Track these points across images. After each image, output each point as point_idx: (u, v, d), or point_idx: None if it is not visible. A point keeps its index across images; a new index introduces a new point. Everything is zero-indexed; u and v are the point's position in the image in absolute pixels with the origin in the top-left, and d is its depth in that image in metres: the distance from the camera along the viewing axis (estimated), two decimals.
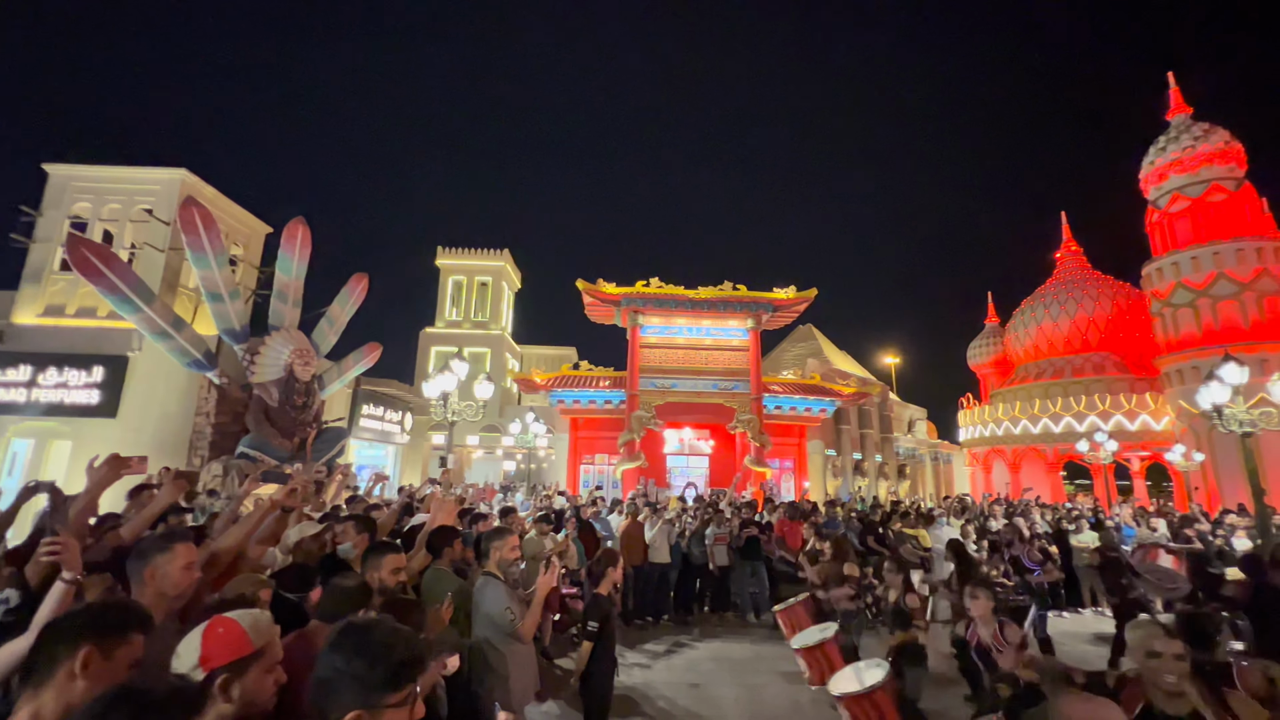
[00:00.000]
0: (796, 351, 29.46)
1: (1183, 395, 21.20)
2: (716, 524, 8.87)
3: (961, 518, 10.89)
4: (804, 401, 21.89)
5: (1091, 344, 28.11)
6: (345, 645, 1.31)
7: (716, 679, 6.44)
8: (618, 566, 3.85)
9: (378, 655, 1.28)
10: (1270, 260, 21.21)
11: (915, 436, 30.06)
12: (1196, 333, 21.68)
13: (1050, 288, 30.85)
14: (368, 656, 1.28)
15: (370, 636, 1.32)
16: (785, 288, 21.28)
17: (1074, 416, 25.00)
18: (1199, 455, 19.41)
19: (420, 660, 1.33)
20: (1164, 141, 24.14)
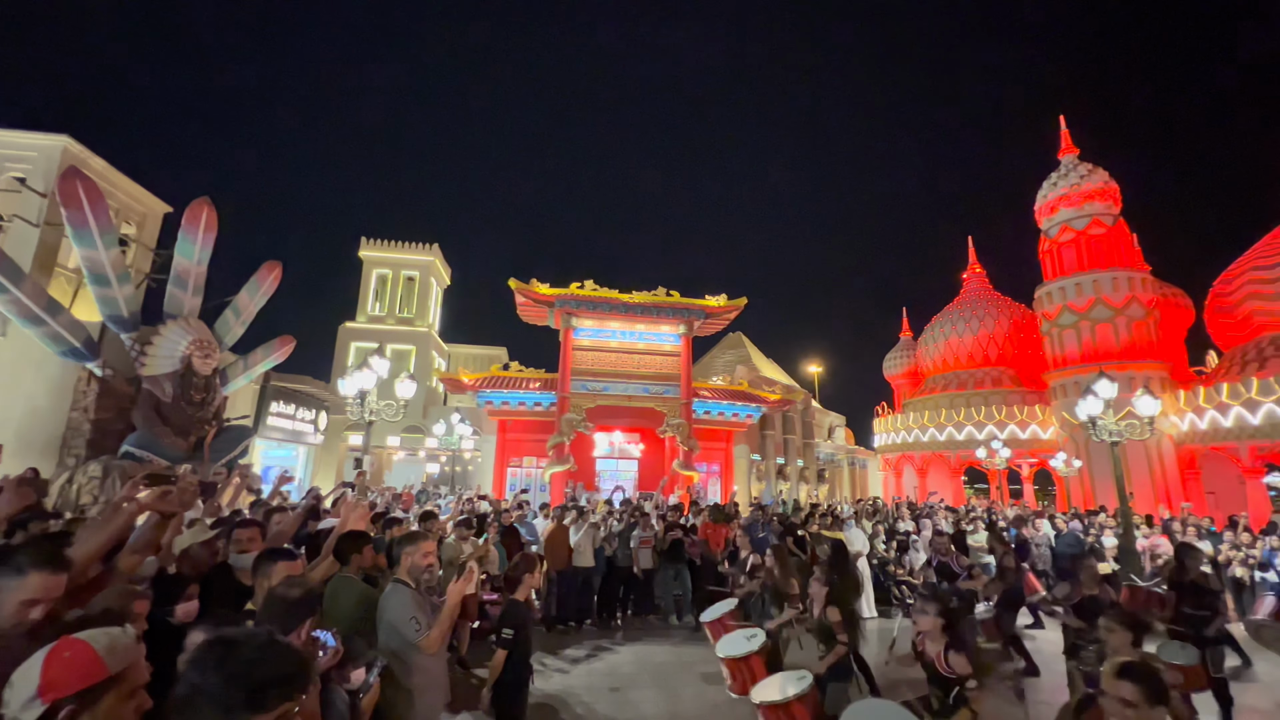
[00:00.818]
0: (726, 358, 30.21)
1: (1065, 407, 23.41)
2: (642, 527, 8.91)
3: (873, 519, 11.51)
4: (732, 407, 22.45)
5: (991, 359, 30.53)
6: (206, 661, 1.18)
7: (637, 682, 6.45)
8: (535, 572, 3.77)
9: (238, 672, 1.16)
10: (1138, 289, 23.82)
11: (835, 442, 31.51)
12: (1078, 351, 24.00)
13: (957, 306, 33.25)
14: (226, 673, 1.16)
15: (235, 651, 1.20)
16: (717, 296, 21.77)
17: (974, 426, 27.04)
18: (1077, 462, 21.46)
19: (292, 678, 1.22)
20: (1055, 178, 26.62)
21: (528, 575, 3.73)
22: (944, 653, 3.50)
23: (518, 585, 3.76)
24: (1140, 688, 2.07)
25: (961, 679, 3.39)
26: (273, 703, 1.17)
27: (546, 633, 8.21)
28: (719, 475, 23.06)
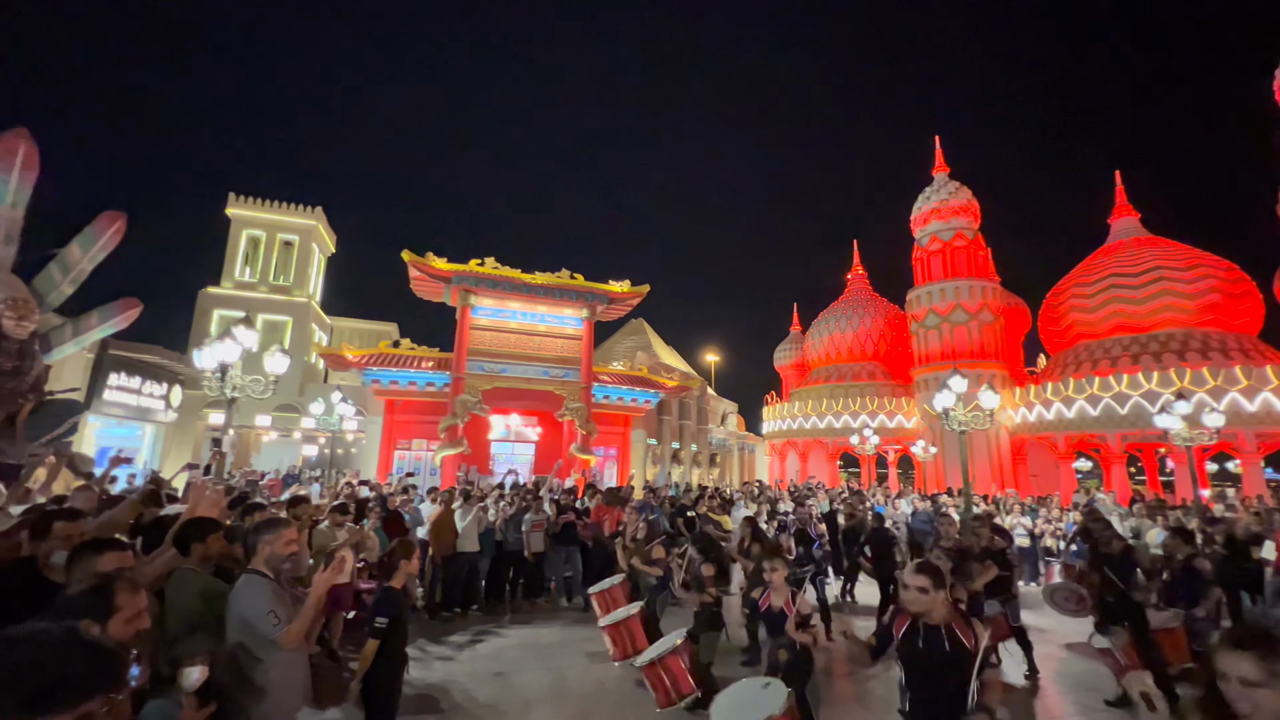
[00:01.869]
0: (628, 344, 30.54)
1: (926, 400, 26.14)
2: (534, 511, 8.82)
3: (757, 501, 12.22)
4: (631, 392, 22.76)
5: (868, 354, 33.34)
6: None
7: (522, 665, 6.42)
8: (413, 558, 3.60)
9: (10, 678, 1.01)
10: (990, 297, 27.02)
11: (727, 428, 33.00)
12: (938, 350, 26.84)
13: (841, 304, 35.88)
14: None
15: (11, 653, 1.03)
16: (621, 281, 21.86)
17: (850, 415, 29.46)
18: (933, 448, 24.10)
19: (84, 680, 1.07)
20: (929, 192, 29.39)
21: (403, 562, 3.56)
22: (792, 598, 4.07)
23: (393, 572, 3.58)
24: (929, 577, 2.78)
25: (806, 616, 3.96)
26: (55, 709, 1.02)
27: (430, 620, 7.93)
28: (616, 459, 23.35)
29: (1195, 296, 23.63)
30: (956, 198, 28.45)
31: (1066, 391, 23.20)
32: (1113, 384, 21.90)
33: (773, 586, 4.19)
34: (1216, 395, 19.27)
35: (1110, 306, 25.09)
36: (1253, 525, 8.23)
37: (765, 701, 3.46)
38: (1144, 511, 11.14)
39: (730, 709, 3.57)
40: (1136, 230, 27.48)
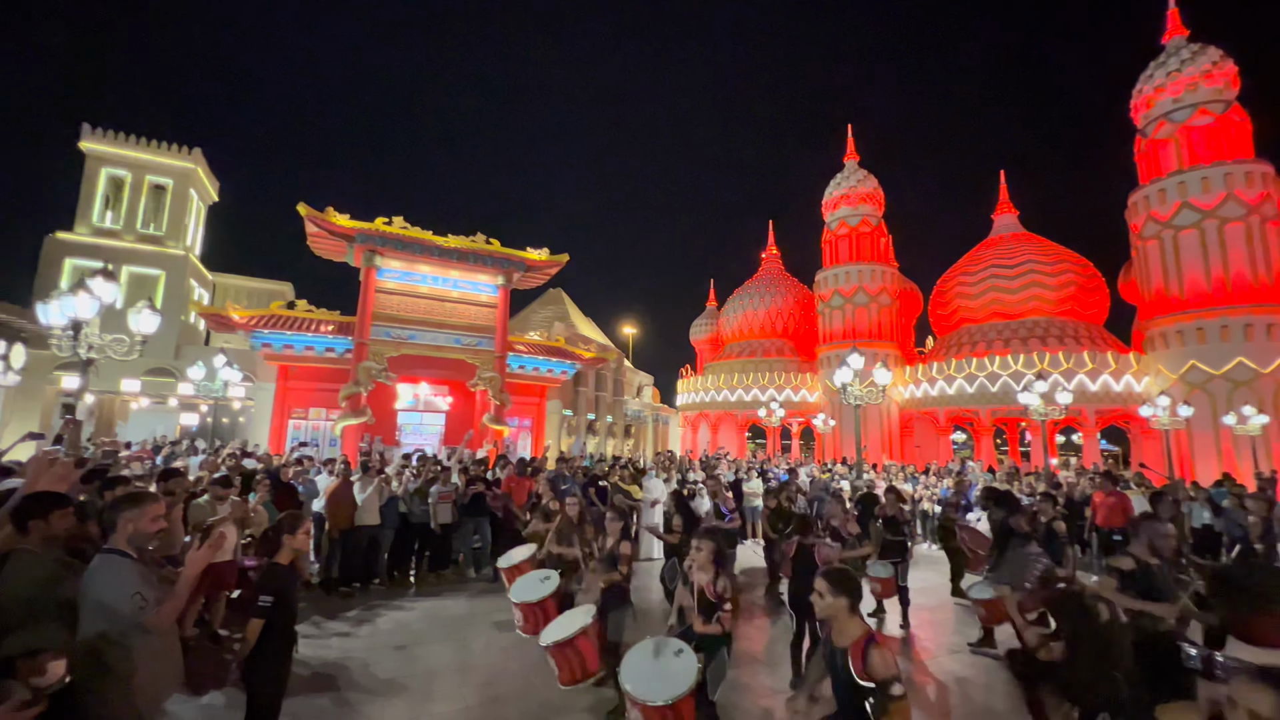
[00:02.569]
0: (545, 314, 30.03)
1: (827, 376, 27.83)
2: (441, 482, 8.57)
3: (668, 471, 12.56)
4: (547, 363, 22.49)
5: (777, 331, 34.85)
6: None
7: (426, 638, 6.29)
8: (300, 532, 3.37)
9: None
10: (889, 282, 28.98)
11: (642, 400, 33.52)
12: (841, 329, 28.56)
13: (755, 282, 37.12)
14: None
15: None
16: (539, 249, 21.34)
17: (759, 389, 30.82)
18: (832, 421, 25.76)
19: None
20: (840, 178, 30.81)
21: (288, 536, 3.33)
22: (713, 581, 3.98)
23: (278, 548, 3.35)
24: (829, 583, 2.86)
25: (723, 601, 3.91)
26: None
27: (327, 596, 7.57)
28: (531, 430, 23.12)
29: (1057, 289, 26.57)
30: (864, 185, 30.02)
31: (949, 371, 25.51)
32: (986, 365, 24.32)
33: (697, 565, 4.06)
34: (1068, 376, 21.91)
35: (989, 295, 27.69)
36: (1087, 489, 9.50)
37: (678, 673, 3.53)
38: (1004, 478, 12.56)
39: (643, 671, 3.64)
40: (1015, 227, 30.33)
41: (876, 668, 2.62)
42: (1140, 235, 22.51)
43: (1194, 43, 22.15)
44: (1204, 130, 21.26)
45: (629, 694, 3.46)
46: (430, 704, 4.78)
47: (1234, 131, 21.09)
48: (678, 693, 3.38)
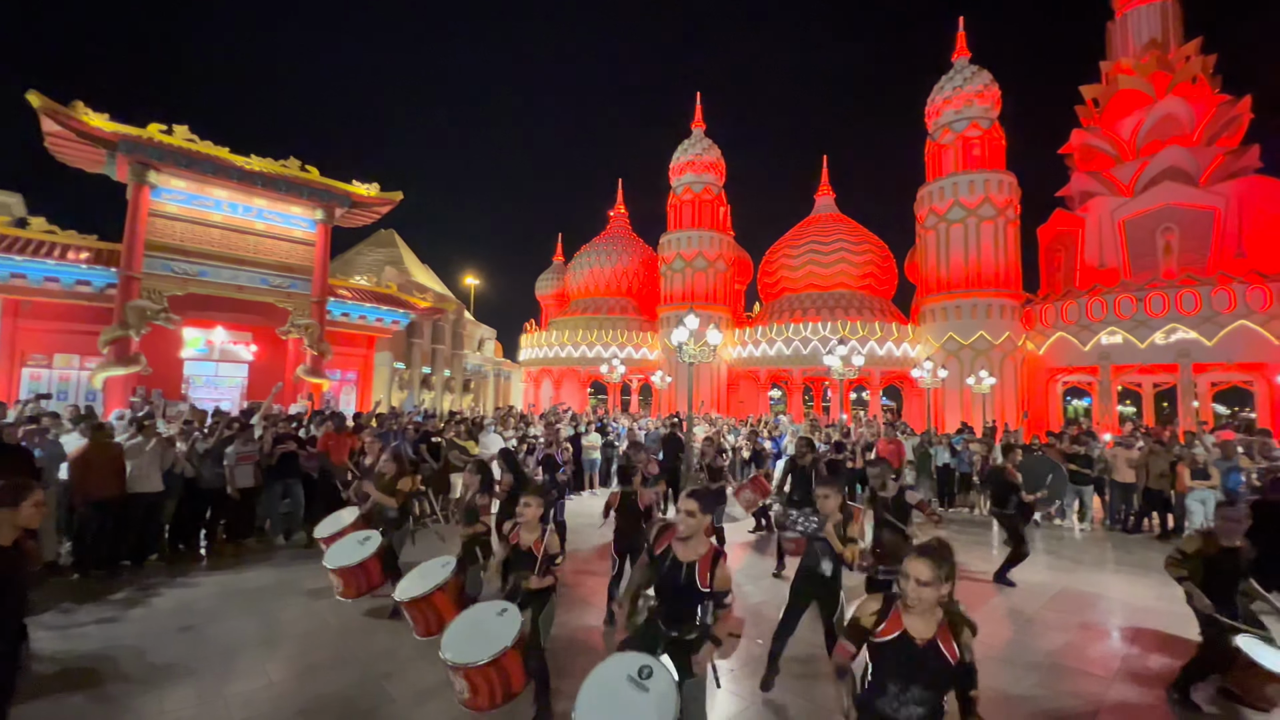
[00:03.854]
0: (374, 257, 27.30)
1: (666, 335, 29.25)
2: (241, 441, 7.52)
3: (509, 427, 12.39)
4: (376, 311, 20.60)
5: (622, 290, 35.59)
6: None
7: (220, 615, 5.59)
8: (23, 504, 2.70)
9: None
10: (725, 249, 30.95)
11: (483, 354, 32.37)
12: (681, 291, 30.03)
13: (603, 240, 37.29)
14: None
15: None
16: (368, 184, 19.15)
17: (603, 346, 31.44)
18: (669, 378, 27.28)
19: None
20: (687, 145, 31.79)
21: (7, 510, 2.67)
22: (541, 538, 4.02)
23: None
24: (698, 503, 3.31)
25: (551, 557, 3.99)
26: None
27: (82, 579, 6.34)
28: (355, 384, 21.21)
29: (860, 266, 30.53)
30: (709, 154, 31.34)
31: (770, 335, 28.29)
32: (801, 330, 27.39)
33: (523, 523, 4.06)
34: (862, 343, 25.53)
35: (808, 268, 30.95)
36: (868, 436, 11.29)
37: (500, 632, 3.55)
38: (809, 428, 14.41)
39: (463, 637, 3.62)
40: (831, 208, 34.00)
41: (720, 580, 3.08)
42: (924, 225, 26.59)
43: (974, 64, 26.21)
44: (974, 140, 25.49)
45: (449, 663, 3.43)
46: (225, 685, 4.28)
47: (994, 145, 25.59)
48: (499, 649, 3.41)
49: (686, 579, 3.15)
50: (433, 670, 4.51)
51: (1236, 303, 19.90)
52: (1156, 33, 26.49)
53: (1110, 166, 25.62)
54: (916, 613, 2.38)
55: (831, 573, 4.37)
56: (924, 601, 2.34)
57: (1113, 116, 26.34)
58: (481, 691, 3.47)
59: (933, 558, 2.37)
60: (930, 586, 2.32)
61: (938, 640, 2.33)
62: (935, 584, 2.32)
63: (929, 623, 2.37)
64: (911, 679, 2.32)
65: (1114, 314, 21.97)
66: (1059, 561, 8.37)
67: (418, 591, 4.47)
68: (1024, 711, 4.20)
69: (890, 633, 2.41)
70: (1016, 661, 5.01)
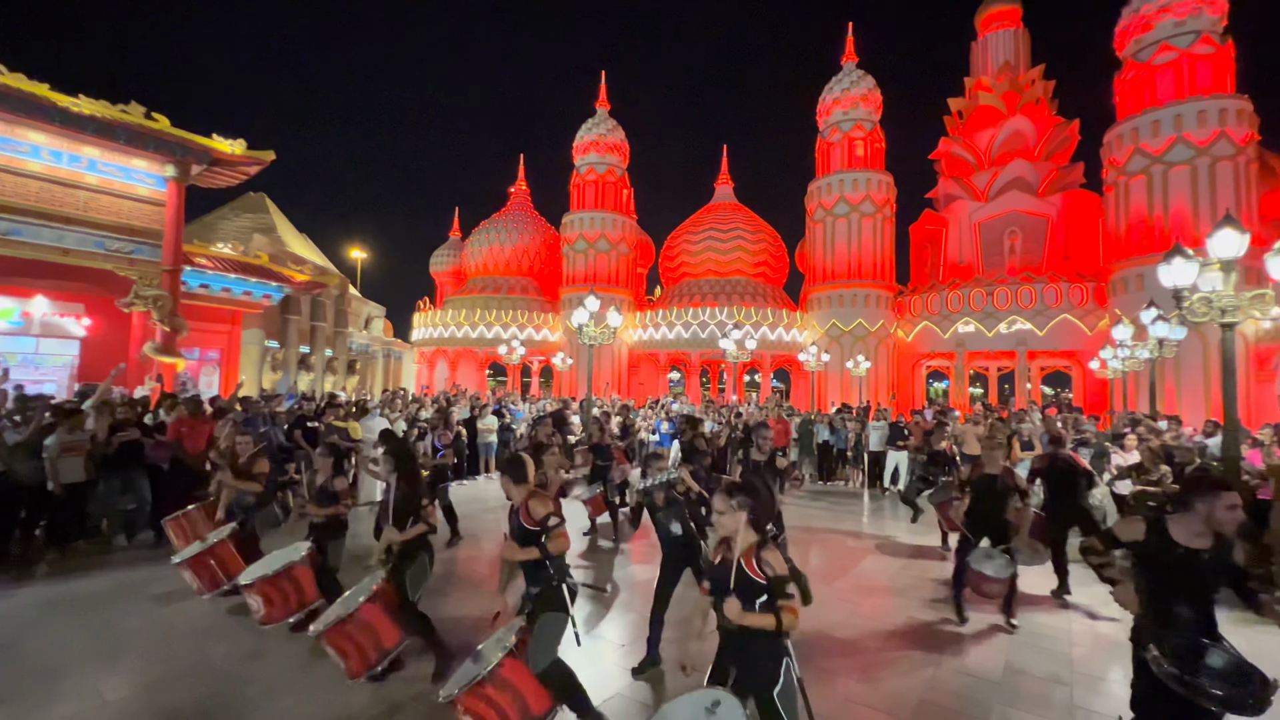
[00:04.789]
0: (241, 223, 24.51)
1: (568, 317, 28.99)
2: (66, 429, 6.49)
3: (395, 410, 11.71)
4: (244, 283, 18.56)
5: (523, 270, 34.71)
6: None
7: (42, 630, 4.84)
8: None
9: None
10: (628, 232, 31.07)
11: (371, 333, 30.31)
12: (583, 273, 29.82)
13: (503, 217, 36.05)
14: None
15: None
16: (233, 140, 17.05)
17: (502, 326, 30.58)
18: (570, 360, 27.11)
19: None
20: (591, 124, 31.35)
21: None
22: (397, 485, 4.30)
23: None
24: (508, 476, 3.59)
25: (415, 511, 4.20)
26: None
27: None
28: (218, 363, 19.08)
29: (755, 255, 31.92)
30: (613, 135, 31.14)
31: (670, 318, 28.91)
32: (700, 314, 28.24)
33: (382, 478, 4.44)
34: (755, 328, 26.81)
35: (707, 254, 31.86)
36: (758, 416, 11.90)
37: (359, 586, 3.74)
38: (702, 410, 14.94)
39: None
40: (730, 197, 35.12)
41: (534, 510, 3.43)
42: (813, 218, 28.27)
43: (860, 69, 28.02)
44: (858, 141, 27.36)
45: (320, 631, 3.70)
46: (46, 710, 3.71)
47: (875, 146, 27.63)
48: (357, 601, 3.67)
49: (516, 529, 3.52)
50: (304, 670, 4.21)
51: (1062, 299, 23.11)
52: (1010, 56, 29.75)
53: (970, 174, 28.59)
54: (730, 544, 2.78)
55: (682, 531, 4.64)
56: (724, 527, 2.75)
57: (973, 128, 29.35)
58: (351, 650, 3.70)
59: (724, 491, 2.80)
60: (725, 514, 2.73)
61: (744, 564, 2.67)
62: (729, 512, 2.72)
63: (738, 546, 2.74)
64: (727, 591, 2.65)
65: (969, 306, 24.71)
66: (915, 526, 9.36)
67: (268, 570, 4.36)
68: (899, 619, 4.69)
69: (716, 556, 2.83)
70: (894, 602, 5.57)
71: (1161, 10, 20.43)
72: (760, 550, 2.66)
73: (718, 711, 2.38)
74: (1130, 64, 21.37)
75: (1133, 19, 21.26)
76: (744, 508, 2.71)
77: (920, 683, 4.34)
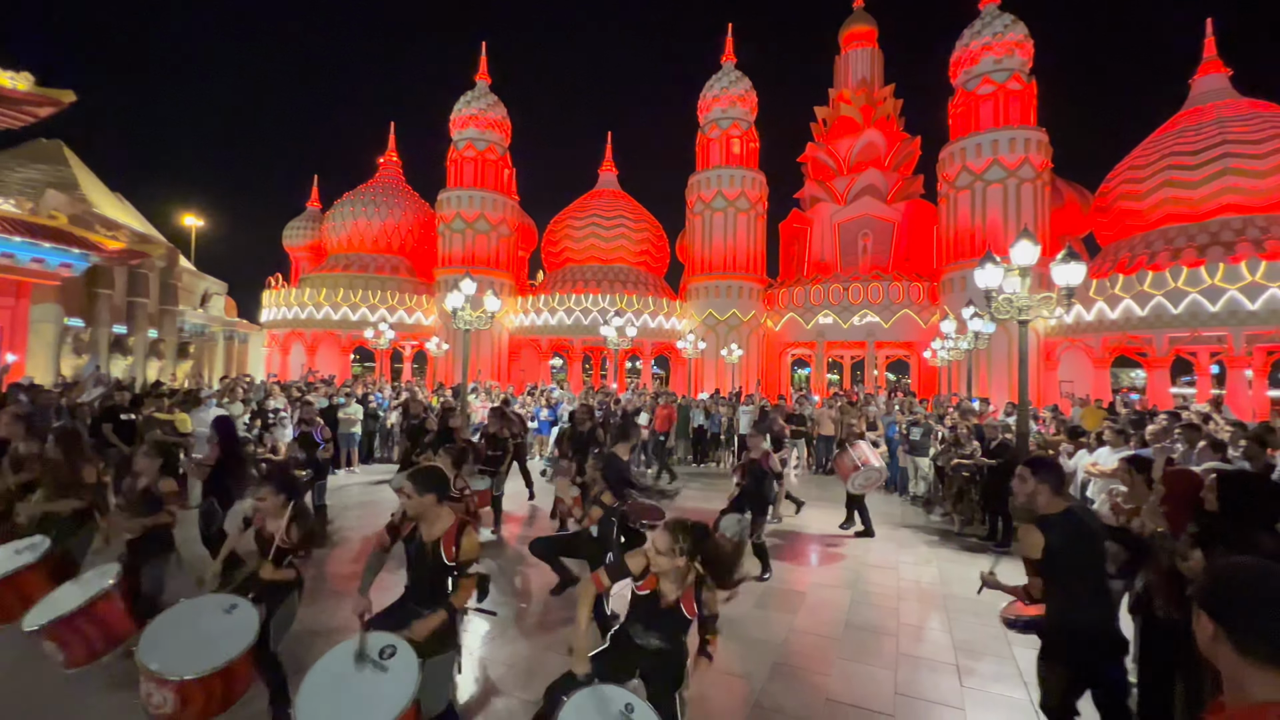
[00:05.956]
0: (28, 175, 20.31)
1: (444, 299, 27.51)
2: None
3: (238, 399, 10.43)
4: (33, 248, 15.41)
5: (394, 248, 32.34)
6: None
7: None
8: None
9: None
10: (510, 213, 30.04)
11: (209, 312, 26.68)
12: (461, 254, 28.42)
13: (370, 189, 33.27)
14: None
15: None
16: (17, 71, 14.04)
17: (369, 308, 28.32)
18: (446, 345, 25.83)
19: None
20: (471, 96, 29.75)
21: None
22: (287, 527, 3.50)
23: None
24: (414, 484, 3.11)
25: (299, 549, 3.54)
26: None
27: None
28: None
29: (638, 244, 32.36)
30: (494, 111, 29.85)
31: (553, 304, 28.54)
32: (583, 300, 28.17)
33: (264, 513, 3.57)
34: (637, 315, 27.30)
35: (590, 240, 31.77)
36: (636, 403, 12.16)
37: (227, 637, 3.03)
38: (584, 398, 14.97)
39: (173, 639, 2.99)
40: (614, 184, 35.21)
41: (466, 550, 3.03)
42: (692, 210, 29.22)
43: (738, 69, 29.29)
44: (735, 139, 28.66)
45: (154, 674, 2.76)
46: None
47: (750, 146, 29.12)
48: (227, 658, 2.87)
49: (432, 556, 3.09)
50: (98, 705, 3.62)
51: (904, 296, 26.03)
52: (867, 73, 32.70)
53: (832, 178, 31.13)
54: (665, 577, 2.71)
55: (599, 533, 4.65)
56: (661, 567, 2.65)
57: (835, 136, 31.95)
58: (194, 704, 2.86)
59: (670, 531, 2.67)
60: (665, 556, 2.62)
61: (680, 603, 2.66)
62: (670, 554, 2.62)
63: (678, 586, 2.70)
64: (653, 626, 2.67)
65: (828, 300, 27.03)
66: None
67: (60, 612, 3.40)
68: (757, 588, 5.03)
69: (645, 589, 2.73)
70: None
71: (985, 48, 23.55)
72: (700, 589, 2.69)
73: (632, 716, 2.39)
74: (961, 91, 24.43)
75: (964, 52, 24.29)
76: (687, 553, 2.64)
77: (773, 645, 4.72)
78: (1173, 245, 20.59)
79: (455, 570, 3.06)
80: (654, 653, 2.73)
